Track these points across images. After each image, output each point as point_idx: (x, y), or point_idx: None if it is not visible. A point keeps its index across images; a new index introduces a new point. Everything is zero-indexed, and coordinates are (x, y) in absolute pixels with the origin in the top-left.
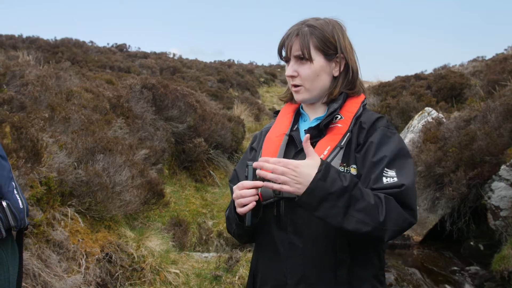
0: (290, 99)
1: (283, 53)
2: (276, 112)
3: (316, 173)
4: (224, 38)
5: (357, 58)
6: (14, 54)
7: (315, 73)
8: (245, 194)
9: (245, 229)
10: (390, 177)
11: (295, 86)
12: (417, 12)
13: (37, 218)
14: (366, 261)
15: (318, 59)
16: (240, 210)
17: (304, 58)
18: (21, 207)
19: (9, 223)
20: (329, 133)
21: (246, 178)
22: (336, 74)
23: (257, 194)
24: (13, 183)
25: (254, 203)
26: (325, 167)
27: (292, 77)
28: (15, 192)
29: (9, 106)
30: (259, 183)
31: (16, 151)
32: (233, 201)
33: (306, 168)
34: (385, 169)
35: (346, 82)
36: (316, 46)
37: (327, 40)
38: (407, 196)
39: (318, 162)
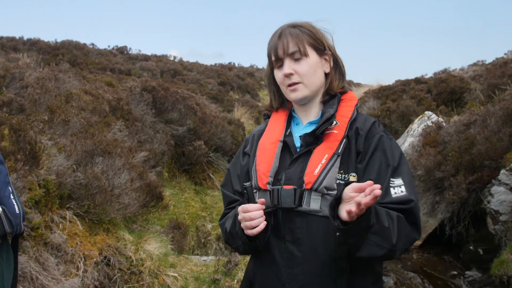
0: (280, 104)
1: (279, 54)
2: (266, 115)
3: None
4: (225, 41)
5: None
6: (15, 56)
7: (313, 68)
8: (254, 217)
9: (257, 247)
10: (397, 186)
11: (293, 84)
12: (417, 16)
13: (35, 220)
14: (365, 268)
15: (313, 55)
16: (251, 232)
17: (301, 54)
18: (17, 212)
19: (4, 230)
20: (326, 140)
21: (248, 201)
22: (327, 70)
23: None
24: (10, 187)
25: (265, 223)
26: None
27: (290, 75)
28: (11, 197)
29: (9, 108)
30: (261, 206)
31: (14, 153)
32: (237, 219)
33: None
34: (391, 179)
35: (340, 77)
36: (309, 42)
37: (315, 37)
38: (415, 213)
39: None
